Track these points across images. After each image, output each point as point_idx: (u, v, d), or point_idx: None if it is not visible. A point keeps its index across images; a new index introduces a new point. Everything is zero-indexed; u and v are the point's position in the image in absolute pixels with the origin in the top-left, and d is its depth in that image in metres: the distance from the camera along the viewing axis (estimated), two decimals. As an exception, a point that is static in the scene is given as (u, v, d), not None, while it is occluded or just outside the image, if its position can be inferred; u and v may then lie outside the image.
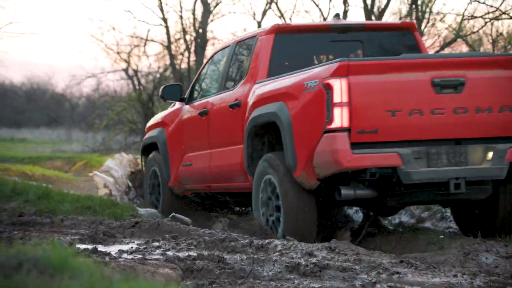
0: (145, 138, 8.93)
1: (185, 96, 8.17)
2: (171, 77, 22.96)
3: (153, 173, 8.59)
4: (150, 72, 24.43)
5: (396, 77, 5.84)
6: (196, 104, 7.88)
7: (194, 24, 21.15)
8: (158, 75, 24.01)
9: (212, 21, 21.11)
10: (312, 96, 5.94)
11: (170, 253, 5.43)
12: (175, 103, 8.45)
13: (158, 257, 5.23)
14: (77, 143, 27.12)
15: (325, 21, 7.44)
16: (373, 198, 6.07)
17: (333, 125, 5.79)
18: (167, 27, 21.42)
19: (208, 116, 7.53)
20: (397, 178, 5.83)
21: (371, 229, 6.87)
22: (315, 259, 5.32)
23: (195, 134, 7.80)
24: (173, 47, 21.54)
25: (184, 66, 22.73)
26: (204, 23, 20.83)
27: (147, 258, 5.10)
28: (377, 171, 5.80)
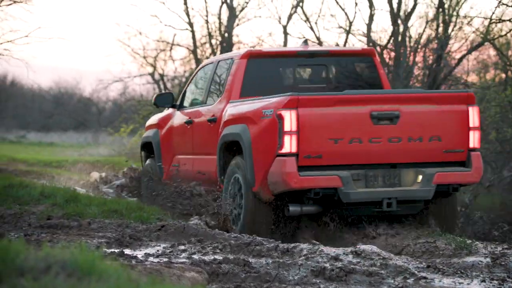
0: (143, 136, 9.81)
1: (176, 103, 8.96)
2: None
3: (151, 170, 9.43)
4: (176, 76, 24.51)
5: (339, 109, 6.75)
6: (185, 111, 8.75)
7: (219, 28, 21.18)
8: (184, 79, 24.12)
9: (237, 25, 21.11)
10: (268, 123, 6.86)
11: (196, 256, 5.45)
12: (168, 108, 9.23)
13: (184, 260, 5.25)
14: (104, 146, 27.30)
15: (302, 44, 8.50)
16: (318, 213, 6.95)
17: (283, 150, 6.69)
18: (193, 31, 21.46)
19: (192, 125, 8.46)
20: (338, 197, 6.70)
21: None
22: (341, 263, 5.30)
23: (182, 140, 8.72)
24: (199, 51, 21.56)
25: (210, 70, 22.69)
26: (230, 27, 20.85)
27: (173, 261, 5.12)
28: (320, 191, 6.68)
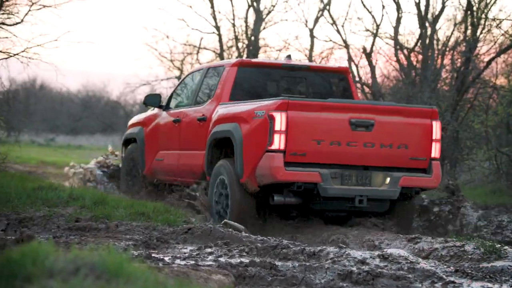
0: (126, 133, 10.63)
1: (162, 104, 9.76)
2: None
3: (131, 162, 10.30)
4: (203, 80, 24.58)
5: (323, 115, 7.54)
6: (172, 112, 9.54)
7: (246, 32, 21.20)
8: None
9: (264, 28, 21.10)
10: (259, 123, 7.59)
11: (222, 259, 5.46)
12: (154, 108, 10.01)
13: (211, 263, 5.27)
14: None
15: (282, 59, 9.61)
16: (298, 204, 7.73)
17: (272, 147, 7.46)
18: (219, 35, 21.51)
19: (180, 123, 9.22)
20: (317, 191, 7.49)
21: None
22: (368, 267, 5.28)
23: (168, 136, 9.46)
24: (225, 54, 21.60)
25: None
26: (257, 30, 20.86)
27: (199, 264, 5.14)
28: (302, 184, 7.45)
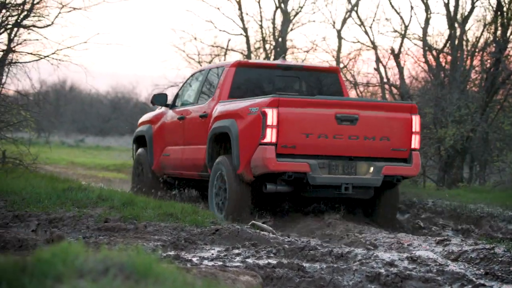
0: (137, 131, 11.29)
1: (169, 103, 10.53)
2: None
3: (140, 166, 11.01)
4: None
5: (311, 110, 8.22)
6: (177, 110, 10.32)
7: (273, 33, 21.20)
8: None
9: (291, 30, 21.07)
10: (253, 118, 8.28)
11: (250, 260, 5.48)
12: (161, 106, 10.74)
13: (238, 264, 5.28)
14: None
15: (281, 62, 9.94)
16: (290, 192, 8.51)
17: (265, 140, 8.16)
18: (247, 36, 21.53)
19: (184, 121, 10.00)
20: (306, 180, 8.20)
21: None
22: (396, 269, 5.25)
23: (174, 133, 10.24)
24: (253, 56, 21.61)
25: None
26: (284, 32, 20.85)
27: (227, 265, 5.16)
28: (292, 174, 8.17)
